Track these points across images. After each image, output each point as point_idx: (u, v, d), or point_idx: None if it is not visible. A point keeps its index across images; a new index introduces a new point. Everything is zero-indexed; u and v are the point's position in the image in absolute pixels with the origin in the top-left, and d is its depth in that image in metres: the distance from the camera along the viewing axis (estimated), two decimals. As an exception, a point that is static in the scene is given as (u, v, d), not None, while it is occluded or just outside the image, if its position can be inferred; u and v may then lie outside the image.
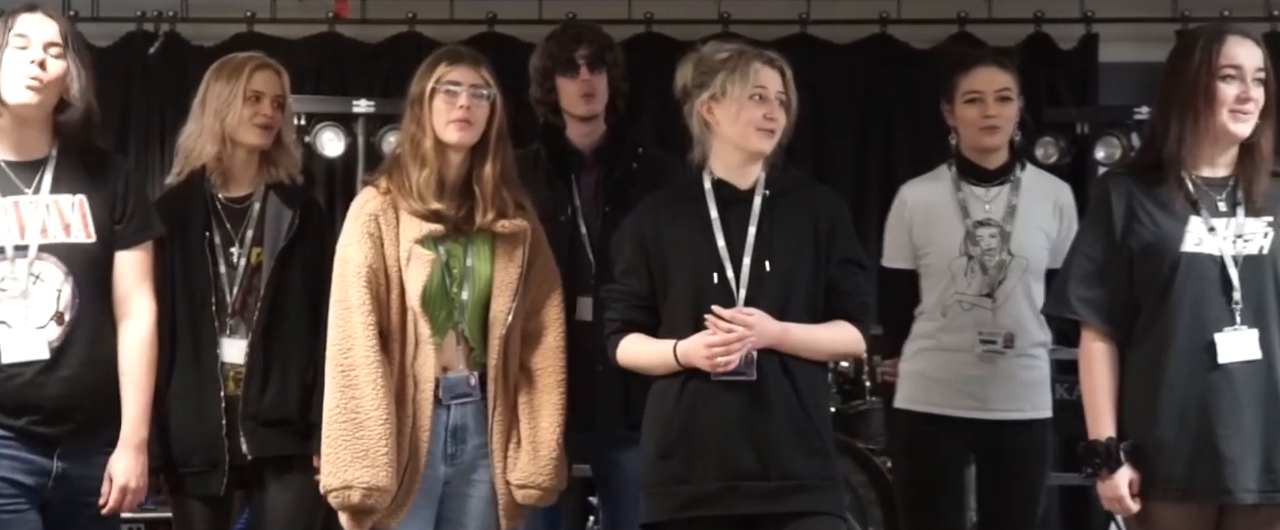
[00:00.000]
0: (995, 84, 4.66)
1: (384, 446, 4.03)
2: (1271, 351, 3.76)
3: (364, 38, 7.62)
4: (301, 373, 4.33)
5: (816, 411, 3.99)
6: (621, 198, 4.61)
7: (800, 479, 3.90)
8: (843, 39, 7.58)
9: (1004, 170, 4.69)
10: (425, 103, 4.15)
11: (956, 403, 4.62)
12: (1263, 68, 3.82)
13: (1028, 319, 4.63)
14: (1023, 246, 4.63)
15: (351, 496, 4.03)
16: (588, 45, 4.72)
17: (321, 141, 7.12)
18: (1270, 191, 3.83)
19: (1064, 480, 6.98)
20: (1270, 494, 3.75)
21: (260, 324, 4.35)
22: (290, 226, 4.39)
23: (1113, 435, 3.81)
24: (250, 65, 4.44)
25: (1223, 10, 7.09)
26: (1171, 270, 3.78)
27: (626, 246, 4.05)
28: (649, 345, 4.00)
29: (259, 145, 4.41)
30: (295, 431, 4.32)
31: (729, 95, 3.95)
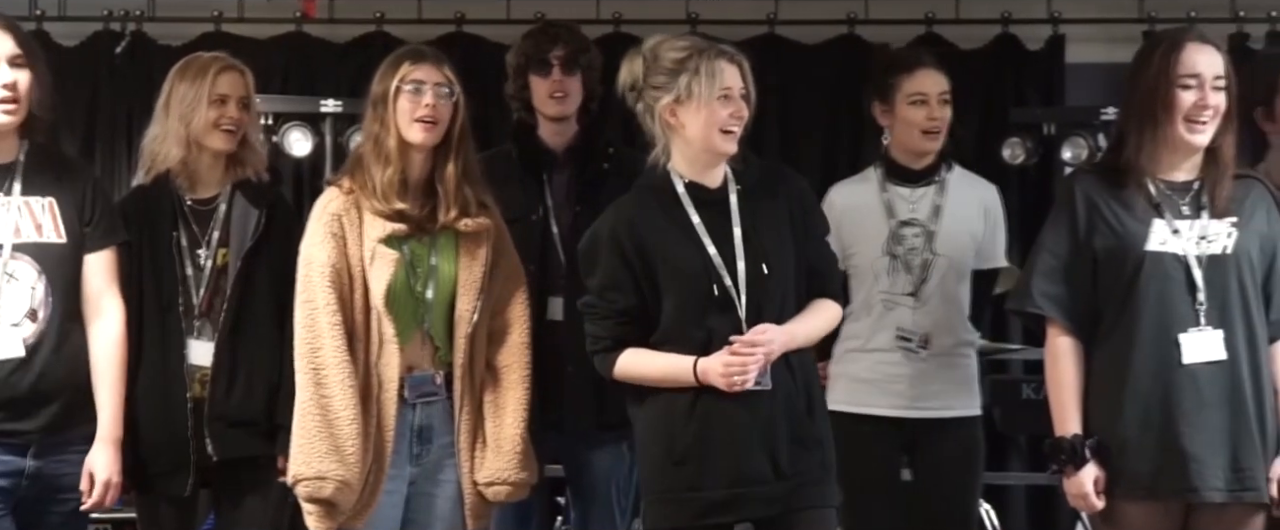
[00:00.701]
0: (939, 86, 4.68)
1: (352, 445, 4.03)
2: (1236, 351, 3.78)
3: (331, 37, 7.59)
4: (268, 374, 4.32)
5: (815, 402, 3.97)
6: (593, 197, 4.62)
7: (803, 476, 3.88)
8: (811, 39, 7.58)
9: (930, 171, 4.72)
10: (389, 102, 4.14)
11: (885, 402, 4.64)
12: (1222, 75, 3.83)
13: (951, 318, 4.66)
14: (947, 246, 4.65)
15: (324, 488, 4.03)
16: (563, 46, 4.72)
17: (289, 141, 7.10)
18: (1235, 194, 3.85)
19: (1030, 479, 7.01)
20: (1238, 493, 3.77)
21: (226, 325, 4.34)
22: (256, 227, 4.39)
23: (1078, 432, 3.82)
24: (214, 67, 4.42)
25: (1189, 12, 7.11)
26: (1136, 270, 3.80)
27: (604, 259, 3.92)
28: (660, 361, 3.89)
29: (223, 148, 4.40)
30: (261, 433, 4.32)
31: (695, 97, 3.86)
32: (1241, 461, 3.78)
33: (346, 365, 4.06)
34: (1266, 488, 3.80)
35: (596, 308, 3.96)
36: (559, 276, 4.64)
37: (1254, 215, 3.86)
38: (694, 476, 3.86)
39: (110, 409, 4.10)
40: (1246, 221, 3.84)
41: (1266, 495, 3.80)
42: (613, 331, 3.93)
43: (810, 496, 3.89)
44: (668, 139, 3.94)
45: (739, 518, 3.87)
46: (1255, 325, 3.81)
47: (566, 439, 4.71)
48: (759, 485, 3.84)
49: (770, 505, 3.85)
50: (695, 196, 3.93)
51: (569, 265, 4.55)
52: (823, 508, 3.92)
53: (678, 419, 3.88)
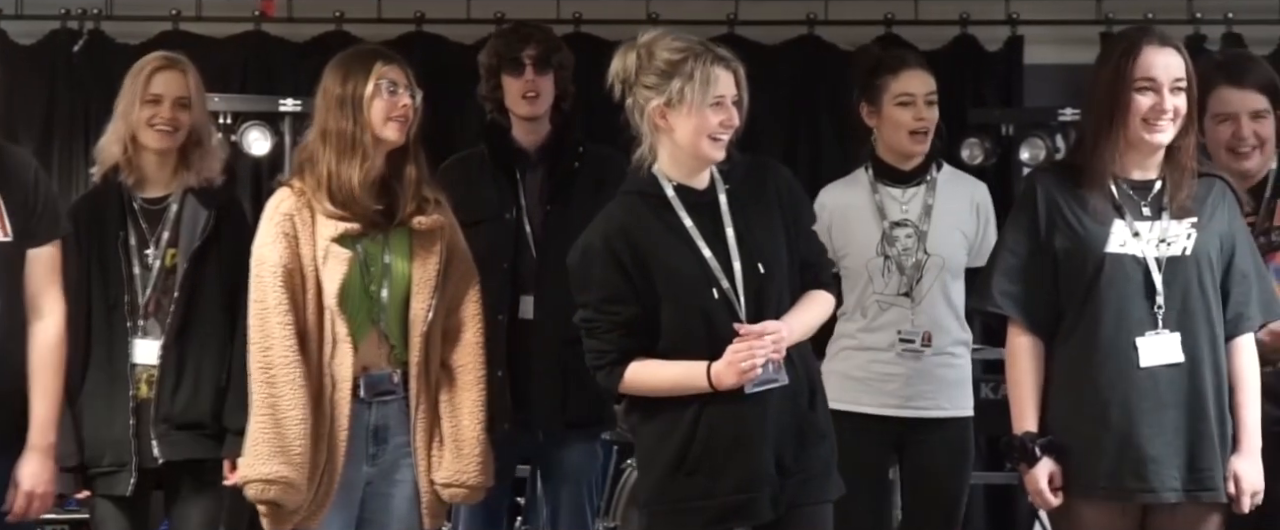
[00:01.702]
0: (925, 87, 4.69)
1: (300, 445, 4.02)
2: (1195, 353, 3.79)
3: (291, 36, 7.57)
4: (215, 376, 4.31)
5: (818, 394, 3.94)
6: (565, 196, 4.62)
7: (808, 470, 3.86)
8: (770, 39, 7.59)
9: (920, 171, 4.72)
10: (366, 101, 4.12)
11: (878, 401, 4.65)
12: (1181, 76, 3.84)
13: (947, 318, 4.66)
14: (939, 246, 4.66)
15: (270, 490, 4.02)
16: (535, 46, 4.72)
17: (248, 140, 7.08)
18: (1196, 193, 3.87)
19: (989, 479, 7.04)
20: (1194, 493, 3.79)
21: (174, 326, 4.32)
22: (205, 228, 4.37)
23: (1033, 429, 3.84)
24: (150, 66, 4.41)
25: (1146, 13, 7.15)
26: (1095, 271, 3.81)
27: (600, 270, 3.81)
28: (670, 370, 3.80)
29: (160, 148, 4.38)
30: (208, 435, 4.31)
31: (687, 102, 3.78)
32: (1198, 462, 3.79)
33: (296, 365, 4.04)
34: (1223, 488, 3.81)
35: (597, 322, 3.84)
36: (531, 275, 4.64)
37: (1215, 214, 3.87)
38: (706, 484, 3.79)
39: (42, 416, 3.95)
40: (1207, 221, 3.86)
41: (1223, 494, 3.81)
42: (617, 345, 3.82)
43: (813, 491, 3.87)
44: (655, 139, 3.87)
45: (754, 522, 3.81)
46: (1215, 325, 3.82)
47: (534, 438, 4.71)
48: (768, 486, 3.80)
49: (778, 505, 3.81)
50: (684, 199, 3.86)
51: (541, 264, 4.54)
52: (823, 503, 3.89)
53: (685, 429, 3.80)
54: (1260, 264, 3.96)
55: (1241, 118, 4.18)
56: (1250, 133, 4.18)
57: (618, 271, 3.80)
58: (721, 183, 3.89)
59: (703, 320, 3.79)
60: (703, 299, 3.79)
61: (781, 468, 3.81)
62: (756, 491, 3.79)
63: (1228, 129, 4.18)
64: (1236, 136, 4.17)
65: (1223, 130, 4.19)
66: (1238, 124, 4.18)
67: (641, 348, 3.82)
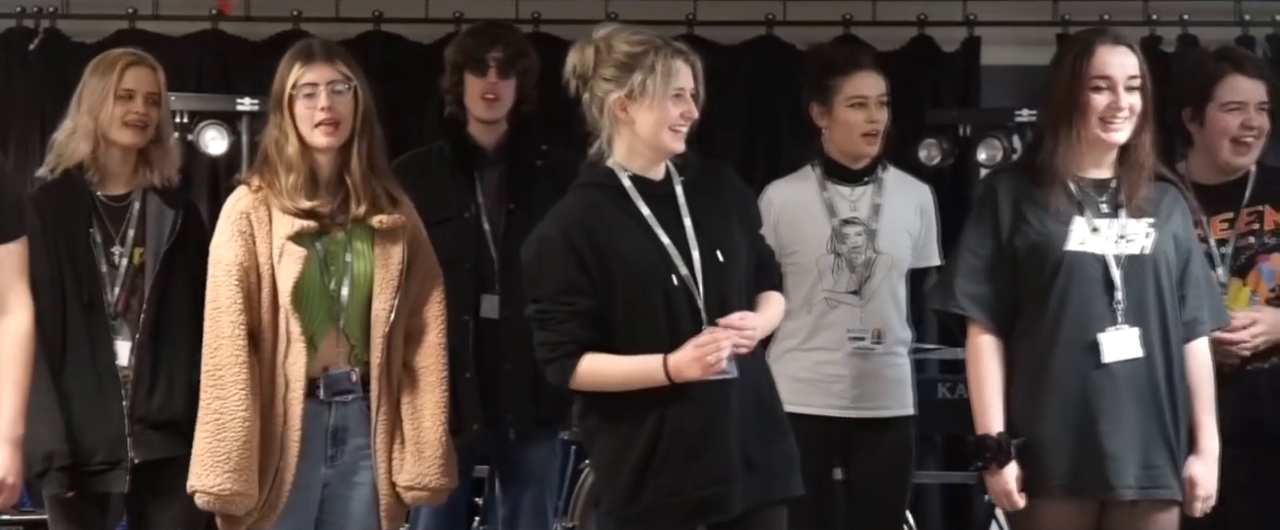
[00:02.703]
0: (878, 89, 4.71)
1: (244, 451, 3.98)
2: (1152, 350, 3.83)
3: (248, 35, 7.54)
4: (188, 375, 4.29)
5: (773, 393, 3.95)
6: (525, 195, 4.62)
7: (773, 467, 3.86)
8: (729, 39, 7.60)
9: (868, 170, 4.74)
10: (285, 107, 4.10)
11: (824, 402, 4.67)
12: (1136, 75, 3.87)
13: (892, 316, 4.69)
14: (888, 244, 4.68)
15: (209, 502, 4.01)
16: (502, 49, 4.72)
17: (205, 140, 7.03)
18: (1152, 194, 3.90)
19: (946, 478, 7.06)
20: (1150, 490, 3.81)
21: (146, 327, 4.31)
22: (173, 228, 4.36)
23: (1002, 430, 3.85)
24: (122, 62, 4.39)
25: (1102, 15, 7.18)
26: (1055, 269, 3.83)
27: (558, 262, 3.81)
28: (623, 363, 3.79)
29: (131, 143, 4.37)
30: (181, 434, 4.28)
31: (648, 94, 3.81)
32: (1152, 459, 3.82)
33: (245, 367, 4.00)
34: (1177, 486, 3.83)
35: (552, 313, 3.82)
36: (492, 274, 4.64)
37: (1171, 217, 3.91)
38: (674, 481, 3.79)
39: (11, 409, 3.90)
40: (1163, 223, 3.89)
41: (1177, 493, 3.83)
42: (573, 335, 3.80)
43: (777, 488, 3.87)
44: (613, 132, 3.88)
45: (724, 516, 3.80)
46: (1170, 325, 3.85)
47: (501, 435, 4.70)
48: (735, 481, 3.80)
49: (749, 498, 3.81)
50: (641, 190, 3.87)
51: (502, 263, 4.53)
52: (785, 501, 3.90)
53: (651, 426, 3.79)
54: (1208, 271, 4.00)
55: (1250, 106, 4.22)
56: (1258, 123, 4.22)
57: (575, 263, 3.79)
58: (677, 175, 3.91)
59: (663, 307, 3.79)
60: (662, 286, 3.79)
61: (748, 462, 3.82)
62: (725, 486, 3.79)
63: (1237, 118, 4.22)
64: (1245, 125, 4.21)
65: (1231, 119, 4.23)
66: (1247, 113, 4.22)
67: (596, 342, 3.79)
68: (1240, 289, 4.21)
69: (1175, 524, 3.87)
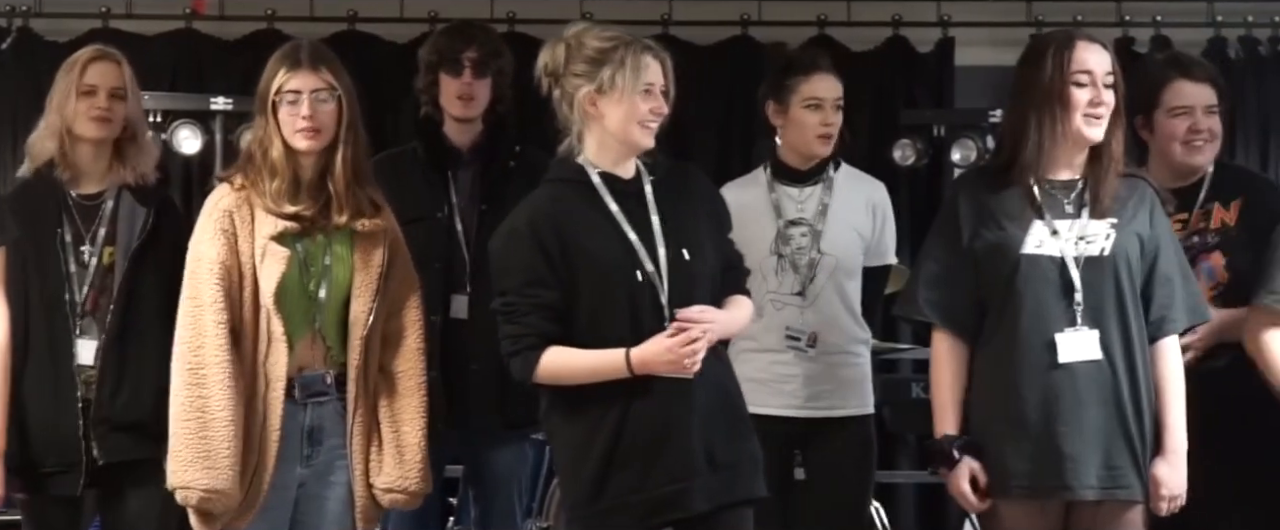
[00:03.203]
0: (834, 92, 4.72)
1: (228, 448, 3.98)
2: (1112, 351, 3.83)
3: (222, 34, 7.53)
4: (155, 376, 4.27)
5: (738, 393, 3.96)
6: (498, 196, 4.62)
7: (737, 465, 3.86)
8: (704, 40, 7.61)
9: (817, 170, 4.75)
10: (268, 112, 4.09)
11: (779, 402, 4.66)
12: (1111, 71, 3.90)
13: (842, 316, 4.69)
14: (833, 245, 4.69)
15: (190, 498, 3.99)
16: (477, 49, 4.71)
17: (178, 139, 7.02)
18: (1119, 193, 3.91)
19: (920, 478, 7.08)
20: (1111, 491, 3.82)
21: (113, 327, 4.29)
22: (144, 226, 4.34)
23: (952, 432, 3.87)
24: (84, 58, 4.39)
25: (1075, 16, 7.23)
26: (1012, 272, 3.85)
27: (525, 255, 3.82)
28: (585, 357, 3.79)
29: (96, 138, 4.35)
30: (149, 435, 4.27)
31: (617, 89, 3.82)
32: (1114, 460, 3.82)
33: (228, 365, 4.00)
34: (1140, 486, 3.84)
35: (516, 306, 3.83)
36: (464, 275, 4.64)
37: (1136, 216, 3.91)
38: (638, 477, 3.79)
39: None
40: (1127, 222, 3.89)
41: (1139, 493, 3.84)
42: (537, 327, 3.80)
43: (741, 488, 3.87)
44: (583, 128, 3.89)
45: (685, 513, 3.80)
46: (1131, 326, 3.86)
47: (469, 437, 4.70)
48: (698, 478, 3.80)
49: (710, 498, 3.81)
50: (610, 187, 3.88)
51: (474, 264, 4.53)
52: (752, 502, 3.90)
53: (612, 422, 3.79)
54: (1187, 267, 4.00)
55: (1197, 110, 4.24)
56: (1206, 126, 4.23)
57: (541, 256, 3.80)
58: (646, 174, 3.93)
59: (626, 302, 3.80)
60: (627, 281, 3.80)
61: (712, 461, 3.82)
62: (686, 483, 3.79)
63: (1184, 122, 4.24)
64: (1193, 129, 4.23)
65: (1178, 123, 4.24)
66: (1193, 117, 4.24)
67: (560, 335, 3.81)
68: None
69: (1140, 524, 3.88)
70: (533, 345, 3.81)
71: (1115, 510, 3.85)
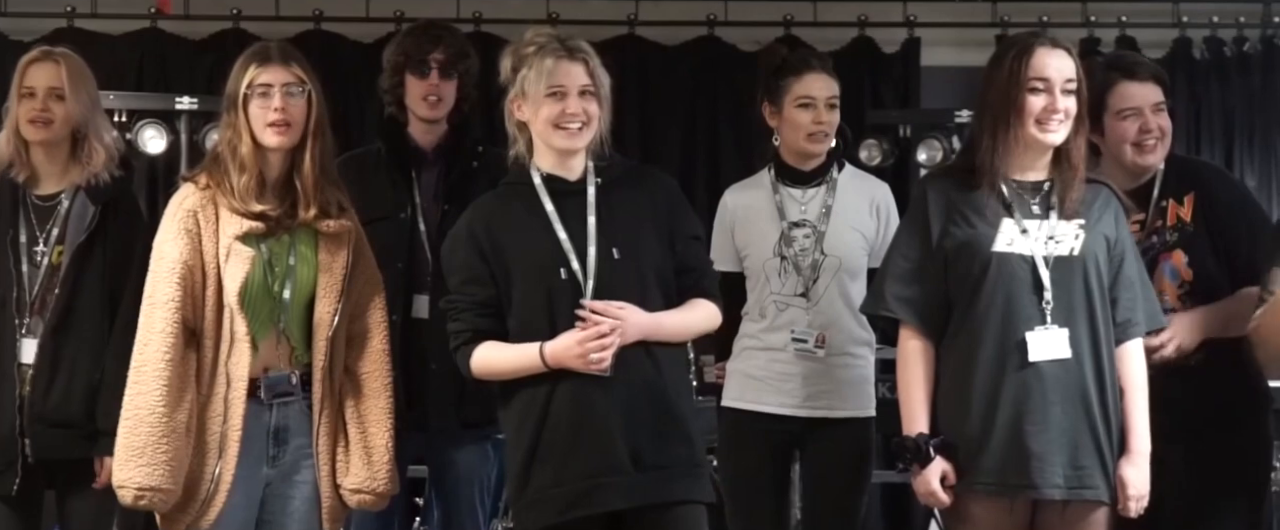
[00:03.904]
0: (827, 90, 4.72)
1: (163, 445, 3.95)
2: (1080, 350, 3.84)
3: (187, 34, 7.51)
4: (89, 374, 4.26)
5: (681, 398, 3.97)
6: (461, 196, 4.61)
7: (669, 468, 3.88)
8: (670, 40, 7.63)
9: (820, 172, 4.75)
10: (239, 107, 4.08)
11: (777, 401, 4.67)
12: (1073, 78, 3.89)
13: (844, 318, 4.69)
14: (836, 246, 4.69)
15: (125, 495, 3.98)
16: (443, 49, 4.70)
17: (143, 138, 7.00)
18: (1085, 197, 3.92)
19: (886, 477, 7.09)
20: (1077, 490, 3.83)
21: (51, 323, 4.28)
22: (90, 223, 4.32)
23: (924, 431, 3.87)
24: (25, 60, 4.37)
25: (1041, 17, 7.25)
26: (983, 270, 3.85)
27: (462, 254, 3.96)
28: (508, 351, 3.90)
29: (36, 140, 4.33)
30: (81, 434, 4.26)
31: (530, 93, 3.92)
32: (1080, 460, 3.83)
33: (170, 364, 3.97)
34: (1106, 487, 3.85)
35: (456, 303, 3.97)
36: (426, 275, 4.63)
37: (1102, 219, 3.92)
38: (555, 472, 3.86)
39: None
40: (1094, 224, 3.91)
41: (1105, 494, 3.86)
42: (472, 324, 3.93)
43: (679, 490, 3.89)
44: (525, 133, 3.99)
45: (603, 509, 3.85)
46: (1099, 326, 3.87)
47: (430, 437, 4.70)
48: (617, 475, 3.84)
49: (631, 496, 3.85)
50: (553, 188, 3.95)
51: (436, 263, 4.53)
52: (693, 502, 3.92)
53: (536, 414, 3.88)
54: (1144, 273, 4.02)
55: (1145, 110, 4.24)
56: (1155, 125, 4.24)
57: (476, 255, 3.93)
58: (593, 176, 3.97)
59: (546, 299, 3.87)
60: (549, 278, 3.88)
61: (637, 460, 3.86)
62: (604, 479, 3.84)
63: (1134, 123, 4.24)
64: (1143, 130, 4.23)
65: (1128, 125, 4.24)
66: (1143, 117, 4.24)
67: (495, 331, 3.92)
68: None
69: (1104, 525, 3.89)
70: (468, 341, 3.94)
71: (1081, 510, 3.86)
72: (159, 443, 3.95)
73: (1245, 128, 7.56)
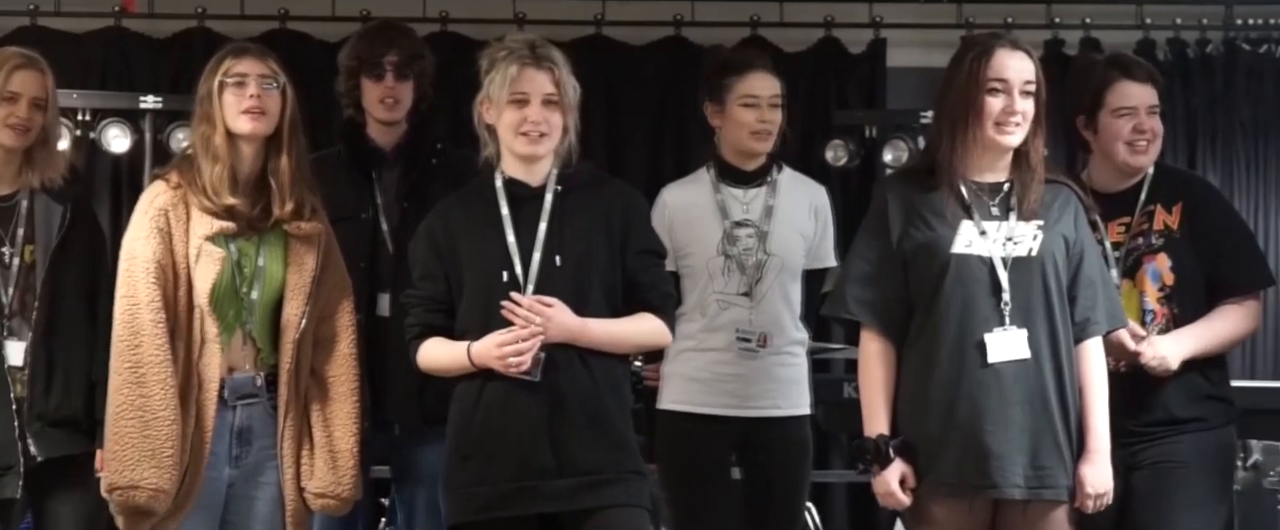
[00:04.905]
0: (770, 90, 4.73)
1: (171, 447, 3.97)
2: (1039, 351, 3.85)
3: (151, 32, 7.48)
4: (85, 371, 4.26)
5: (615, 405, 3.99)
6: (421, 195, 4.62)
7: (598, 474, 3.91)
8: (637, 40, 7.63)
9: (762, 172, 4.76)
10: (214, 98, 4.09)
11: (717, 401, 4.68)
12: (1032, 80, 3.90)
13: (784, 318, 4.71)
14: (780, 246, 4.70)
15: (137, 497, 3.97)
16: (398, 51, 4.70)
17: (107, 138, 6.97)
18: (1044, 198, 3.93)
19: (851, 478, 7.11)
20: (1037, 490, 3.84)
21: (40, 325, 4.26)
22: (61, 224, 4.31)
23: (884, 432, 3.88)
24: (10, 64, 4.33)
25: (1006, 18, 7.28)
26: (942, 271, 3.86)
27: (422, 250, 4.03)
28: (445, 347, 3.98)
29: (12, 146, 4.31)
30: (82, 430, 4.26)
31: (495, 99, 3.97)
32: (1041, 459, 3.84)
33: (168, 364, 4.00)
34: (1066, 486, 3.87)
35: (410, 298, 4.05)
36: (387, 274, 4.63)
37: (1061, 219, 3.93)
38: (481, 470, 3.91)
39: None
40: (1053, 224, 3.92)
41: (1065, 493, 3.87)
42: (423, 319, 4.01)
43: (611, 495, 3.92)
44: (493, 135, 4.03)
45: (523, 511, 3.89)
46: (1058, 326, 3.88)
47: (395, 438, 4.69)
48: (544, 479, 3.88)
49: (558, 500, 3.89)
50: (512, 192, 4.00)
51: (397, 262, 4.53)
52: (627, 506, 3.94)
53: (466, 412, 3.95)
54: (1105, 272, 4.04)
55: (1140, 111, 4.26)
56: (1149, 127, 4.26)
57: (433, 252, 4.01)
58: (554, 183, 4.01)
59: (486, 300, 3.92)
60: (492, 280, 3.93)
61: (565, 466, 3.89)
62: (528, 482, 3.88)
63: (1128, 123, 4.26)
64: (1137, 130, 4.25)
65: (1123, 124, 4.26)
66: (1138, 117, 4.26)
67: (445, 327, 4.00)
68: (1130, 290, 4.26)
69: (1065, 524, 3.90)
70: (417, 335, 4.03)
71: (1042, 509, 3.87)
72: (168, 443, 3.97)
73: (1208, 129, 7.59)
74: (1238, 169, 7.59)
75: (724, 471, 4.79)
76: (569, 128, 4.00)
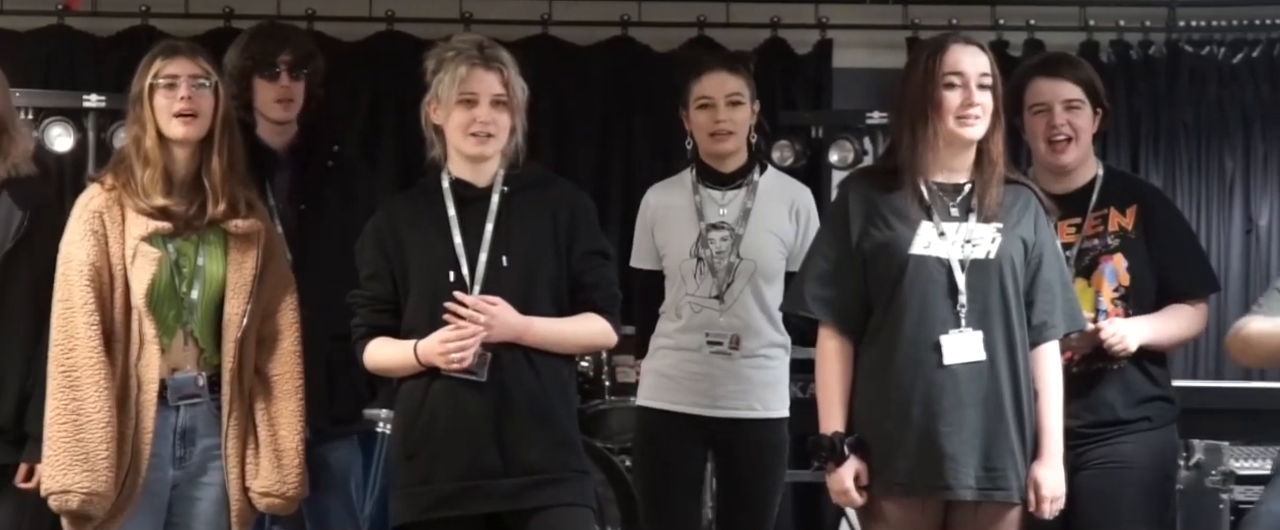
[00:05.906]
0: (725, 89, 4.72)
1: (105, 450, 3.95)
2: (995, 353, 3.87)
3: (95, 30, 7.43)
4: (20, 380, 4.20)
5: (561, 405, 4.00)
6: (316, 196, 4.62)
7: (544, 473, 3.92)
8: (584, 40, 7.63)
9: (741, 173, 4.76)
10: (145, 100, 4.07)
11: (689, 400, 4.69)
12: (987, 72, 3.92)
13: (759, 321, 4.71)
14: (753, 249, 4.70)
15: (70, 501, 3.95)
16: (291, 51, 4.67)
17: (50, 137, 6.91)
18: (1004, 199, 3.94)
19: (796, 477, 7.11)
20: (989, 492, 3.86)
21: None
22: (18, 228, 4.26)
23: (840, 430, 3.90)
24: None
25: (950, 20, 7.31)
26: (900, 272, 3.87)
27: (368, 250, 4.03)
28: (391, 347, 3.98)
29: None
30: (9, 440, 4.21)
31: (443, 98, 3.97)
32: (993, 461, 3.86)
33: (102, 367, 3.97)
34: (1018, 488, 3.89)
35: (356, 297, 4.05)
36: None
37: (1021, 222, 3.94)
38: (425, 469, 3.93)
39: None
40: (1012, 227, 3.93)
41: (1017, 496, 3.89)
42: (369, 319, 4.02)
43: (556, 494, 3.93)
44: (440, 136, 4.03)
45: (469, 511, 3.91)
46: (1015, 329, 3.89)
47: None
48: (489, 478, 3.89)
49: (503, 500, 3.91)
50: (459, 193, 4.01)
51: (296, 263, 4.49)
52: (572, 506, 3.96)
53: (411, 412, 3.96)
54: (1066, 275, 4.05)
55: (1054, 107, 4.28)
56: (1063, 122, 4.27)
57: (380, 251, 4.01)
58: (500, 183, 4.02)
59: (432, 300, 3.93)
60: (438, 280, 3.94)
61: (511, 466, 3.91)
62: (473, 481, 3.90)
63: (1042, 120, 4.28)
64: (1050, 126, 4.26)
65: (1038, 121, 4.28)
66: (1051, 113, 4.27)
67: (390, 327, 4.01)
68: (1085, 289, 4.28)
69: (1017, 526, 3.92)
70: (363, 335, 4.04)
71: (994, 511, 3.88)
72: (102, 447, 3.95)
73: (1151, 130, 7.65)
74: (1180, 170, 7.65)
75: (691, 468, 4.79)
76: (516, 128, 4.01)
